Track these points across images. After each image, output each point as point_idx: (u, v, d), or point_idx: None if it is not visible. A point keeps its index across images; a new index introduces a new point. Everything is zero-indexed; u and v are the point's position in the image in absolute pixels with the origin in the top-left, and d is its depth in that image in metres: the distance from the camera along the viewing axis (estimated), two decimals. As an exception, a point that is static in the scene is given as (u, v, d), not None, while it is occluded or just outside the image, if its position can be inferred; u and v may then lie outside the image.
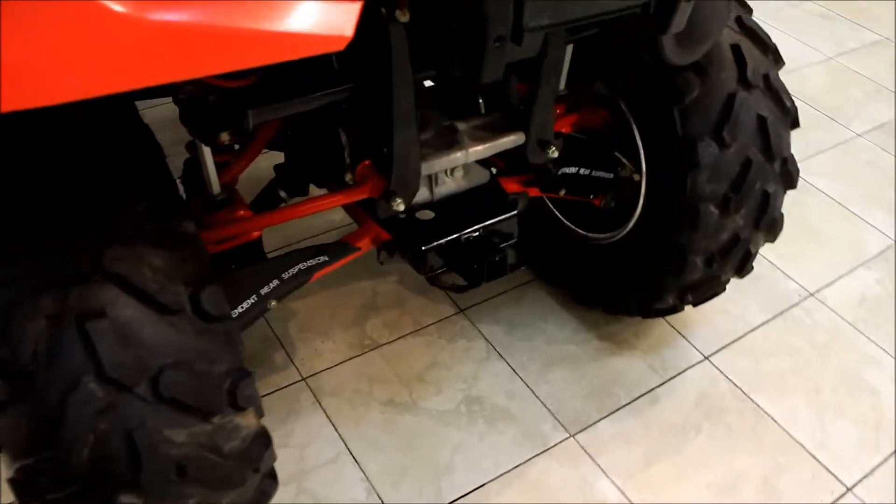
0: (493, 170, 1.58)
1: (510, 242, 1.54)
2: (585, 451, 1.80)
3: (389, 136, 1.22)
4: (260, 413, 1.22)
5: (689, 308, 2.00)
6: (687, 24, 1.22)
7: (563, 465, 1.77)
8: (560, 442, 1.81)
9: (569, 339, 2.04)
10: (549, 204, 2.03)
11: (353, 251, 1.46)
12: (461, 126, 1.45)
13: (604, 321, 2.08)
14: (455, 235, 1.46)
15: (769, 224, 1.72)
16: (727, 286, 1.90)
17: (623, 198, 1.82)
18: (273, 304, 1.44)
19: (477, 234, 1.49)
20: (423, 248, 1.43)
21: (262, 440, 1.22)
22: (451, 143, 1.41)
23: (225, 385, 1.11)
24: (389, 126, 1.20)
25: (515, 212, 1.53)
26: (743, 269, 1.80)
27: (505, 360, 1.98)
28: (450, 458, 1.76)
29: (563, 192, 1.76)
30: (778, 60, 1.69)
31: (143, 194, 1.08)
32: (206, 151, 1.28)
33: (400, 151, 1.27)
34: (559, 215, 2.03)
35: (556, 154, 1.50)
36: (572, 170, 1.70)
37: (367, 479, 1.70)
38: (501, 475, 1.73)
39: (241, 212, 1.39)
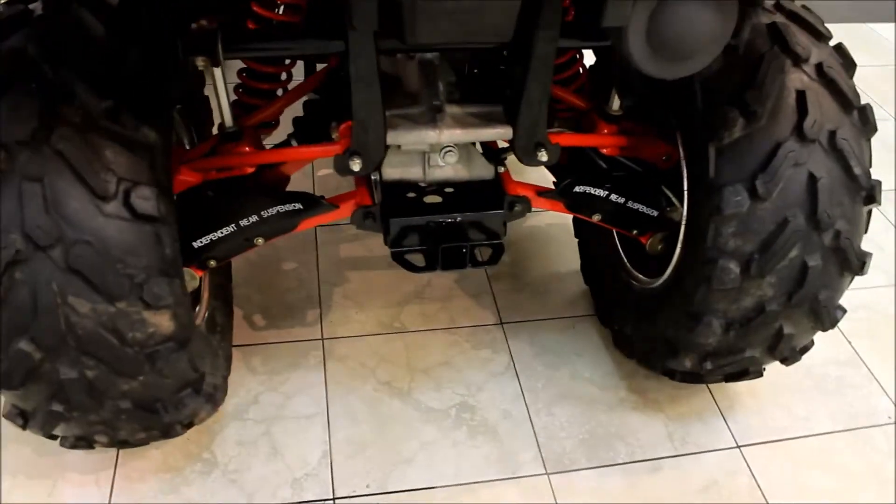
0: (501, 168, 1.54)
1: (490, 241, 1.50)
2: (554, 493, 1.67)
3: (349, 98, 1.27)
4: (183, 322, 1.32)
5: (744, 392, 1.84)
6: (659, 30, 1.12)
7: (524, 498, 1.66)
8: (532, 475, 1.70)
9: (595, 381, 1.91)
10: (616, 236, 1.92)
11: (330, 209, 1.51)
12: (451, 109, 1.44)
13: (643, 375, 1.91)
14: (428, 217, 1.46)
15: (811, 306, 1.48)
16: (765, 370, 1.68)
17: (672, 242, 1.68)
18: (259, 241, 1.55)
19: (454, 221, 1.47)
20: (390, 217, 1.45)
21: (174, 348, 1.32)
22: (428, 120, 1.40)
23: (137, 278, 1.23)
24: (349, 89, 1.26)
25: (500, 211, 1.48)
26: (776, 349, 1.56)
27: (519, 380, 1.90)
28: (414, 452, 1.73)
29: (596, 218, 1.66)
30: (865, 122, 1.45)
31: (113, 96, 1.23)
32: (220, 84, 1.41)
33: (358, 114, 1.30)
34: (620, 250, 1.92)
35: (545, 159, 1.43)
36: (605, 194, 1.60)
37: (329, 444, 1.73)
38: (455, 485, 1.67)
39: (246, 148, 1.51)
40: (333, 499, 1.63)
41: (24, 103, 1.19)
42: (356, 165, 1.36)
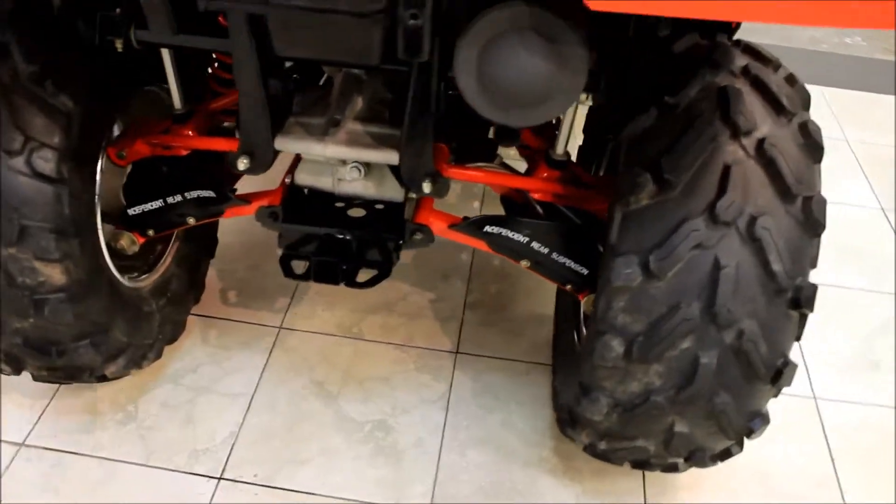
0: (414, 195, 1.51)
1: (376, 262, 1.48)
2: (428, 532, 1.63)
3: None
4: (76, 277, 1.43)
5: (684, 485, 1.73)
6: (488, 73, 1.05)
7: (396, 529, 1.63)
8: (414, 509, 1.67)
9: (524, 433, 1.82)
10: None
11: (240, 203, 1.56)
12: (351, 125, 1.42)
13: (577, 440, 1.80)
14: (320, 228, 1.46)
15: (707, 408, 1.33)
16: (684, 470, 1.52)
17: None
18: (191, 220, 1.63)
19: (343, 238, 1.46)
20: (284, 221, 1.48)
21: (63, 299, 1.43)
22: (320, 132, 1.40)
23: (30, 229, 1.35)
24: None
25: (391, 236, 1.46)
26: (670, 446, 1.42)
27: (447, 413, 1.86)
28: (313, 455, 1.74)
29: (524, 264, 1.58)
30: (809, 216, 1.28)
31: (40, 62, 1.35)
32: (168, 68, 1.51)
33: (243, 116, 1.34)
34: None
35: (428, 191, 1.38)
36: (525, 241, 1.52)
37: (240, 426, 1.79)
38: (334, 498, 1.67)
39: (189, 131, 1.59)
40: (219, 478, 1.69)
41: (-39, 60, 1.34)
42: (242, 164, 1.40)
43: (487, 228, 1.51)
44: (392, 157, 1.38)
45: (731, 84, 1.34)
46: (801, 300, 1.28)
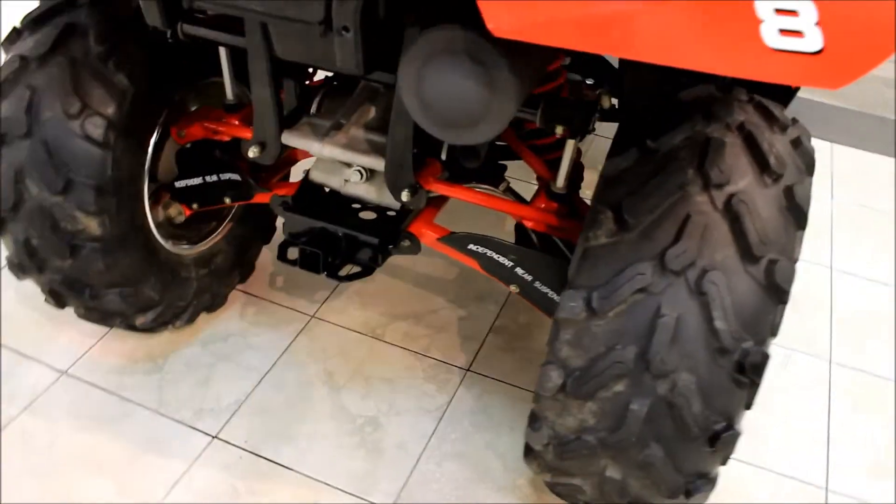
0: (417, 204, 1.58)
1: (360, 261, 1.56)
2: (382, 529, 1.68)
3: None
4: (112, 232, 1.63)
5: None
6: (424, 90, 1.10)
7: (354, 519, 1.70)
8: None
9: (505, 459, 1.83)
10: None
11: (263, 191, 1.70)
12: (353, 130, 1.52)
13: (556, 477, 1.79)
14: (317, 222, 1.57)
15: (639, 458, 1.30)
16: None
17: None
18: (227, 200, 1.81)
19: (335, 233, 1.56)
20: (290, 211, 1.60)
21: (96, 248, 1.64)
22: (322, 133, 1.50)
23: (75, 182, 1.56)
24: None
25: (374, 240, 1.54)
26: (603, 491, 1.40)
27: (439, 424, 1.91)
28: (301, 435, 1.85)
29: (513, 289, 1.61)
30: (771, 281, 1.23)
31: (109, 44, 1.57)
32: (223, 61, 1.69)
33: (256, 110, 1.47)
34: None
35: (406, 200, 1.44)
36: (510, 265, 1.55)
37: (247, 395, 1.93)
38: (307, 476, 1.77)
39: (235, 120, 1.76)
40: (214, 436, 1.84)
41: (48, 33, 1.58)
42: (252, 153, 1.54)
43: (471, 247, 1.56)
44: (380, 164, 1.47)
45: (719, 136, 1.32)
46: (746, 366, 1.23)
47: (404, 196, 1.46)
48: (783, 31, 0.88)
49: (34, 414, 1.86)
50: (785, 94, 1.87)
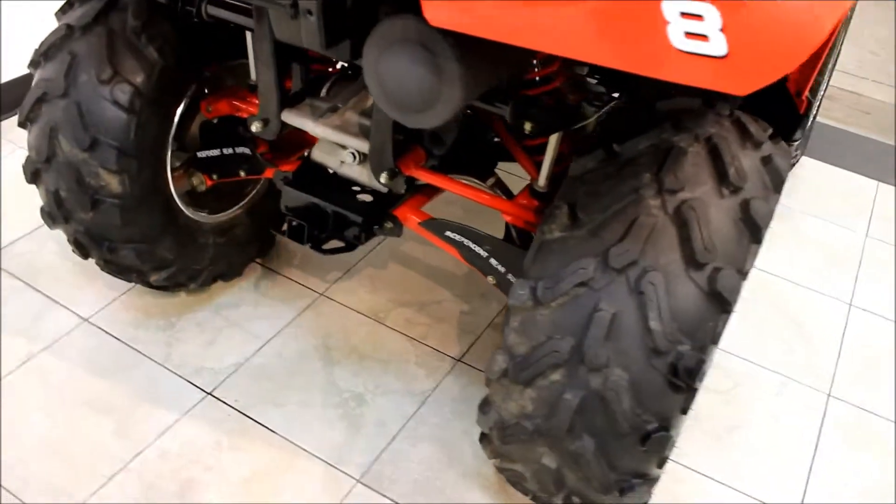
0: (402, 188, 1.66)
1: (344, 237, 1.65)
2: (346, 496, 1.76)
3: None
4: (131, 191, 1.78)
5: None
6: (381, 73, 1.18)
7: (322, 483, 1.79)
8: (345, 473, 1.81)
9: (477, 447, 1.87)
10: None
11: (271, 165, 1.82)
12: (346, 114, 1.60)
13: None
14: (310, 198, 1.67)
15: (571, 448, 1.34)
16: None
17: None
18: (242, 173, 1.94)
19: (325, 210, 1.66)
20: (288, 185, 1.71)
21: (115, 204, 1.79)
22: (318, 114, 1.60)
23: (100, 141, 1.72)
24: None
25: (359, 218, 1.62)
26: (541, 481, 1.44)
27: (420, 407, 1.98)
28: (289, 403, 1.96)
29: (490, 280, 1.67)
30: (713, 288, 1.25)
31: (144, 19, 1.72)
32: (249, 44, 1.81)
33: (260, 88, 1.58)
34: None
35: (384, 182, 1.51)
36: (485, 255, 1.61)
37: (247, 359, 2.05)
38: (288, 440, 1.87)
39: (255, 99, 1.88)
40: (208, 393, 1.97)
41: (93, 6, 1.75)
42: (255, 127, 1.66)
43: (449, 233, 1.63)
44: (362, 146, 1.56)
45: (683, 146, 1.36)
46: (680, 369, 1.26)
47: (383, 179, 1.55)
48: (689, 34, 0.92)
49: (53, 354, 2.03)
50: (791, 119, 1.88)
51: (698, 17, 0.91)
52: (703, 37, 0.92)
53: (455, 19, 1.01)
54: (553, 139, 1.55)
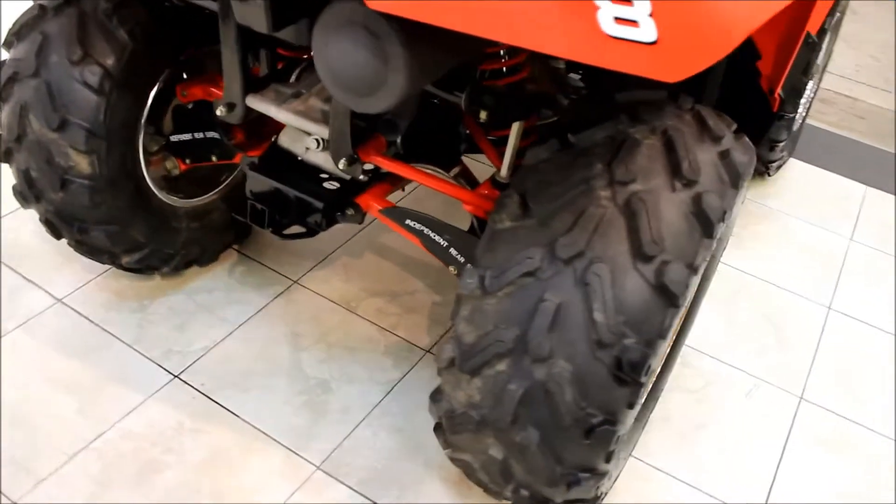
0: (364, 178, 1.65)
1: (306, 223, 1.66)
2: (304, 483, 1.76)
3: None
4: (100, 172, 1.79)
5: None
6: (328, 57, 1.19)
7: (280, 468, 1.79)
8: (305, 459, 1.81)
9: (438, 438, 1.88)
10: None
11: (239, 150, 1.83)
12: (310, 100, 1.60)
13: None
14: (274, 184, 1.68)
15: (519, 440, 1.33)
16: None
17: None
18: (213, 158, 1.94)
19: (287, 195, 1.66)
20: (253, 170, 1.71)
21: (84, 185, 1.79)
22: (281, 100, 1.60)
23: (69, 121, 1.72)
24: None
25: (321, 205, 1.62)
26: (489, 469, 1.44)
27: (385, 396, 1.98)
28: (254, 387, 1.96)
29: (452, 269, 1.66)
30: (660, 281, 1.24)
31: (115, 1, 1.73)
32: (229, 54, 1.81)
33: (224, 72, 1.59)
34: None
35: (342, 168, 1.51)
36: (445, 244, 1.60)
37: (216, 344, 2.06)
38: (251, 425, 1.87)
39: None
40: (175, 376, 1.97)
41: (66, -15, 1.76)
42: (220, 111, 1.66)
43: (409, 222, 1.63)
44: (322, 132, 1.56)
45: (639, 137, 1.35)
46: (624, 363, 1.25)
47: (341, 165, 1.55)
48: (618, 20, 0.91)
49: (26, 331, 2.04)
50: (764, 116, 1.86)
51: (628, 2, 0.90)
52: (633, 22, 0.91)
53: (390, 2, 1.01)
54: (515, 129, 1.54)
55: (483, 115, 1.42)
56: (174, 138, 1.96)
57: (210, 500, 1.73)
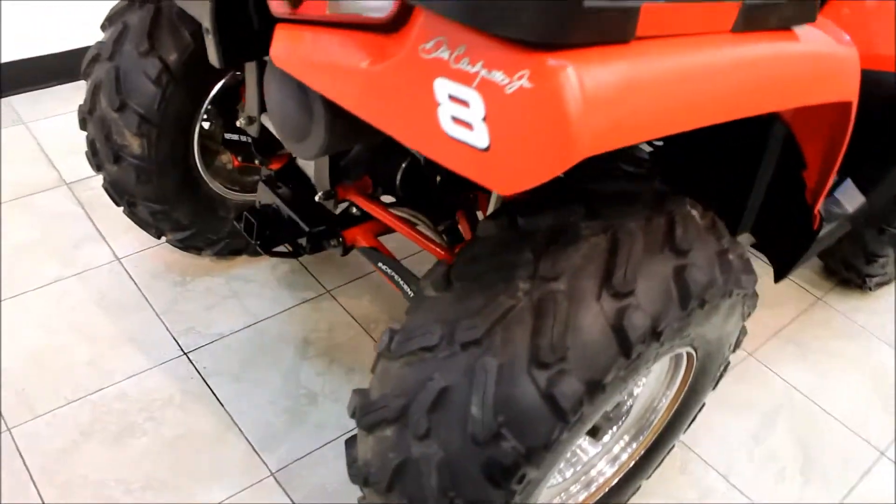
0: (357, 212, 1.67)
1: (294, 244, 1.70)
2: (265, 494, 1.83)
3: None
4: (148, 154, 1.95)
5: None
6: (268, 102, 1.20)
7: (238, 464, 1.87)
8: (263, 468, 1.87)
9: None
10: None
11: (261, 160, 1.91)
12: None
13: None
14: (273, 199, 1.74)
15: (389, 501, 1.31)
16: None
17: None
18: (257, 161, 2.05)
19: (278, 210, 1.71)
20: (263, 183, 1.78)
21: (133, 164, 1.97)
22: None
23: (128, 105, 1.90)
24: None
25: (307, 229, 1.65)
26: None
27: (362, 424, 1.99)
28: (248, 383, 2.06)
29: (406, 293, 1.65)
30: (552, 407, 1.16)
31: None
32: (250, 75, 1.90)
33: (247, 88, 1.66)
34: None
35: (323, 200, 1.54)
36: (410, 293, 1.58)
37: (232, 332, 2.18)
38: (231, 415, 1.97)
39: None
40: (185, 353, 2.12)
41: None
42: (241, 122, 1.75)
43: (381, 265, 1.63)
44: (308, 164, 1.60)
45: (584, 234, 1.26)
46: (494, 465, 1.18)
47: (317, 197, 1.58)
48: (456, 120, 0.86)
49: (80, 281, 2.28)
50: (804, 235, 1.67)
51: (464, 103, 0.85)
52: (468, 125, 0.86)
53: (286, 61, 1.02)
54: (494, 195, 1.49)
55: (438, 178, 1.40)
56: (227, 136, 2.10)
57: (167, 474, 1.84)
